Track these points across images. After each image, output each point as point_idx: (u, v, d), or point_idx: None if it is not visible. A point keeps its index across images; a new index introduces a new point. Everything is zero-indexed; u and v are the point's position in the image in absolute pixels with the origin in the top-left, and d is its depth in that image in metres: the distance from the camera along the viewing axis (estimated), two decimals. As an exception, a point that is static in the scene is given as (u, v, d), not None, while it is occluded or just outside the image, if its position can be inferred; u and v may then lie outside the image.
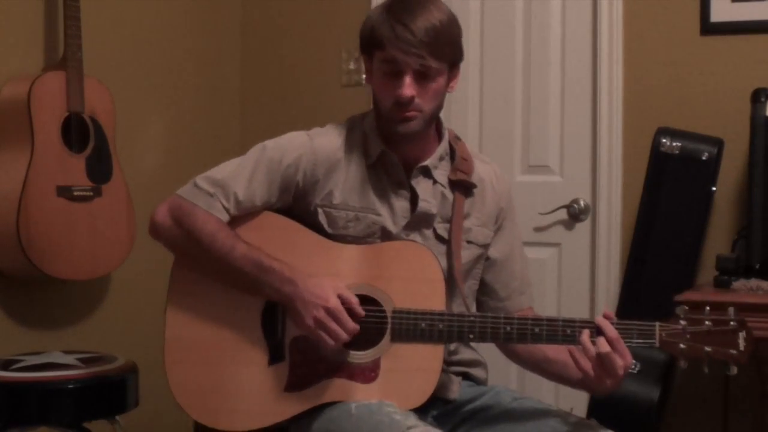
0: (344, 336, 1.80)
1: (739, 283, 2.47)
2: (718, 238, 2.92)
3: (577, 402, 2.91)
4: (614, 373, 1.75)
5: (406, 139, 1.92)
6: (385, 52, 1.87)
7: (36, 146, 2.72)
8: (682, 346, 1.77)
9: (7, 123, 2.77)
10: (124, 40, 3.25)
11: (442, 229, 1.97)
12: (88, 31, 2.85)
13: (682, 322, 1.78)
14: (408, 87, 1.86)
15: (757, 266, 2.57)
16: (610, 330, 1.76)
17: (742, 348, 1.76)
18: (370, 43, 1.91)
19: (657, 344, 1.78)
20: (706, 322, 1.77)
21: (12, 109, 2.75)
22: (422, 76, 1.87)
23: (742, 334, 1.76)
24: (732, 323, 1.77)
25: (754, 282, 2.47)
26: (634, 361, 2.67)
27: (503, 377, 3.07)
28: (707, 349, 1.76)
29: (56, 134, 2.77)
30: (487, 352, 2.15)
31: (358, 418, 1.77)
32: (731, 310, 1.78)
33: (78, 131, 2.84)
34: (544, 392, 3.13)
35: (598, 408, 2.66)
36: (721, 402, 2.94)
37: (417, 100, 1.87)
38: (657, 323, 1.78)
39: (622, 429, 1.95)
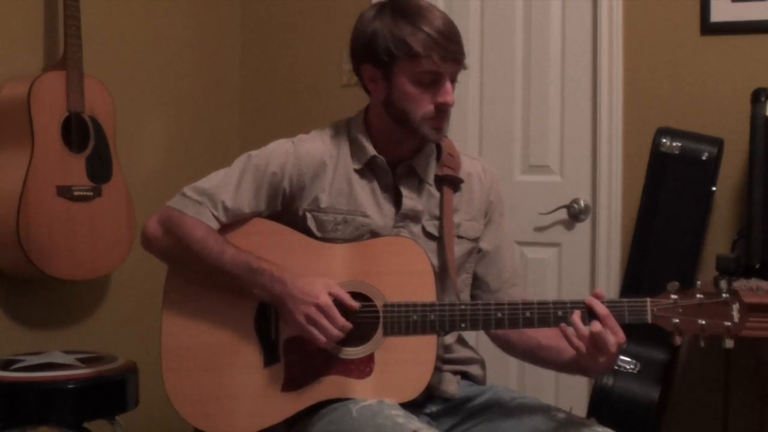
0: (335, 332, 1.82)
1: (739, 283, 2.47)
2: (718, 238, 2.92)
3: (577, 402, 2.91)
4: (607, 351, 1.76)
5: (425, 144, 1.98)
6: (420, 63, 1.86)
7: (36, 146, 2.72)
8: (675, 320, 1.75)
9: (7, 123, 2.77)
10: (124, 40, 3.25)
11: (431, 225, 1.98)
12: (88, 31, 2.85)
13: (674, 297, 1.77)
14: (451, 94, 1.89)
15: (757, 266, 2.57)
16: (600, 307, 1.77)
17: (736, 320, 1.74)
18: (392, 54, 1.87)
19: (649, 320, 1.76)
20: (698, 296, 1.76)
21: (12, 109, 2.75)
22: (451, 81, 1.90)
23: (735, 306, 1.74)
24: (724, 295, 1.75)
25: (754, 282, 2.47)
26: (634, 361, 2.70)
27: (503, 376, 3.07)
28: (701, 322, 1.74)
29: (56, 134, 2.77)
30: (487, 351, 2.15)
31: (360, 421, 1.77)
32: (722, 282, 1.77)
33: (78, 131, 2.84)
34: (544, 392, 3.13)
35: (598, 408, 2.66)
36: (721, 402, 2.94)
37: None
38: (648, 299, 1.78)
39: (622, 429, 1.95)
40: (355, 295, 1.88)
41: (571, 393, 3.10)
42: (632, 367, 2.68)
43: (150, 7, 3.35)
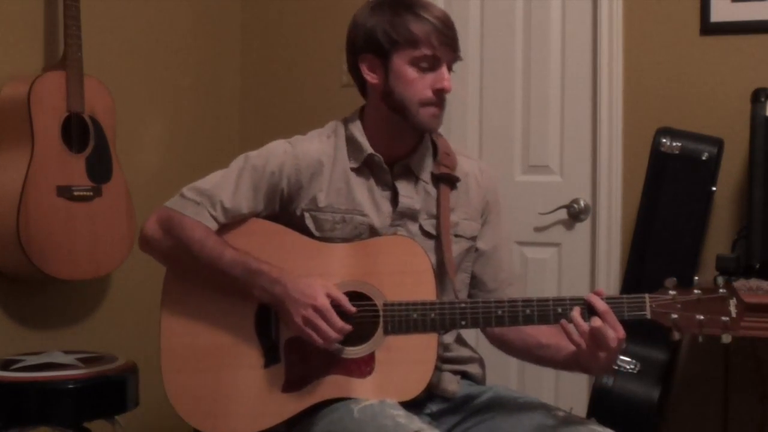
0: (333, 334, 1.82)
1: (739, 283, 2.47)
2: (718, 238, 2.92)
3: (577, 402, 2.91)
4: (607, 346, 1.76)
5: (421, 134, 1.99)
6: (419, 47, 1.89)
7: (36, 146, 2.72)
8: (673, 316, 1.77)
9: (7, 123, 2.77)
10: (124, 40, 3.25)
11: (428, 224, 1.98)
12: (88, 31, 2.85)
13: (672, 293, 1.78)
14: (449, 80, 1.92)
15: (757, 266, 2.57)
16: (600, 303, 1.78)
17: (734, 314, 1.76)
18: (392, 39, 1.90)
19: (648, 315, 1.78)
20: (696, 291, 1.78)
21: (12, 109, 2.75)
22: (448, 70, 1.93)
23: (732, 301, 1.76)
24: (721, 291, 1.77)
25: (754, 282, 2.47)
26: (634, 361, 2.70)
27: (503, 376, 3.07)
28: (699, 317, 1.76)
29: (56, 134, 2.77)
30: (488, 351, 2.15)
31: (361, 421, 1.77)
32: (719, 279, 1.78)
33: (78, 131, 2.84)
34: (544, 392, 3.13)
35: (598, 408, 2.66)
36: (721, 401, 2.94)
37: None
38: (646, 294, 1.79)
39: (622, 429, 1.95)
40: (355, 295, 1.87)
41: (571, 393, 3.10)
42: (632, 367, 2.68)
43: (150, 7, 3.35)
